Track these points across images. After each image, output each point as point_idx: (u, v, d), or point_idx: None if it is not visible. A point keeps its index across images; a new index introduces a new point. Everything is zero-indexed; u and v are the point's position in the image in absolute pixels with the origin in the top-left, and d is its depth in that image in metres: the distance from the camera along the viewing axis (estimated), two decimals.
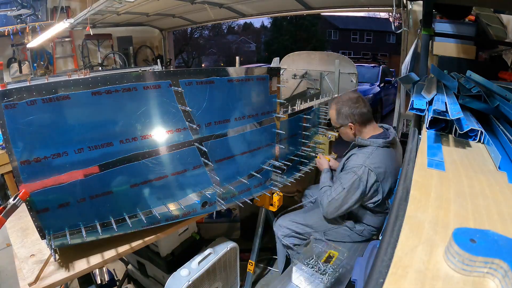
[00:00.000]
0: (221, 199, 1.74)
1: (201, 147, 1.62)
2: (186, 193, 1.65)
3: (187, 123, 1.56)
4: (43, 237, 1.31)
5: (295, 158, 2.41)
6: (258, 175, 1.94)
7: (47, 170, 1.25)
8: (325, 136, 2.73)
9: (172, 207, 1.59)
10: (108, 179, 1.40)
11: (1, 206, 1.21)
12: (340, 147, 2.71)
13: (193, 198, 1.66)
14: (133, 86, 1.38)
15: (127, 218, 1.45)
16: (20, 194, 1.18)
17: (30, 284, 1.23)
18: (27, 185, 1.22)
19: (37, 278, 1.26)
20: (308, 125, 2.48)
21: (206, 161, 1.65)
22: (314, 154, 2.61)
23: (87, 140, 1.32)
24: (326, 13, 5.04)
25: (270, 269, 2.82)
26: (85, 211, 1.38)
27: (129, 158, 1.43)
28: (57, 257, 1.37)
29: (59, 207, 1.31)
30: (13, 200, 1.19)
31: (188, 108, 1.53)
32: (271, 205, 2.14)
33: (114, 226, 1.40)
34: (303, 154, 2.49)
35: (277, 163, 2.03)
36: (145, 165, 1.48)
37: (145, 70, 1.89)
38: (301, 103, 2.51)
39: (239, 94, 1.77)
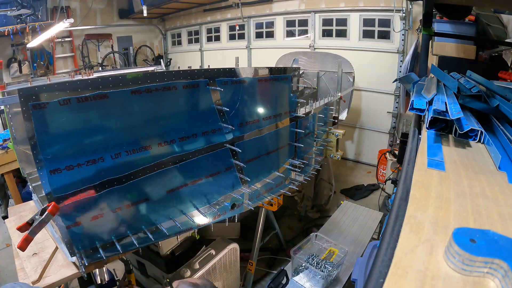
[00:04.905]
0: (248, 199, 1.73)
1: (233, 148, 1.57)
2: (218, 195, 1.60)
3: (221, 123, 1.51)
4: (72, 254, 1.21)
5: (309, 156, 2.45)
6: (281, 174, 1.95)
7: (80, 179, 1.11)
8: (333, 134, 2.85)
9: (205, 211, 1.54)
10: (145, 185, 1.30)
11: (26, 222, 1.05)
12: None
13: (223, 200, 1.62)
14: (173, 85, 1.29)
15: (161, 226, 1.36)
16: (49, 208, 1.05)
17: (33, 283, 1.23)
18: (57, 197, 1.08)
19: (40, 277, 1.25)
20: (320, 123, 2.56)
21: (237, 162, 1.61)
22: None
23: (125, 144, 1.20)
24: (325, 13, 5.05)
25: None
26: (119, 222, 1.27)
27: (166, 162, 1.32)
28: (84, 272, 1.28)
29: (92, 219, 1.19)
30: (41, 215, 1.05)
31: (224, 108, 1.48)
32: (271, 205, 2.14)
33: (150, 235, 1.31)
34: (315, 151, 2.55)
35: (296, 162, 2.05)
36: (181, 168, 1.39)
37: (153, 70, 1.89)
38: (313, 102, 2.57)
39: (267, 94, 1.76)
